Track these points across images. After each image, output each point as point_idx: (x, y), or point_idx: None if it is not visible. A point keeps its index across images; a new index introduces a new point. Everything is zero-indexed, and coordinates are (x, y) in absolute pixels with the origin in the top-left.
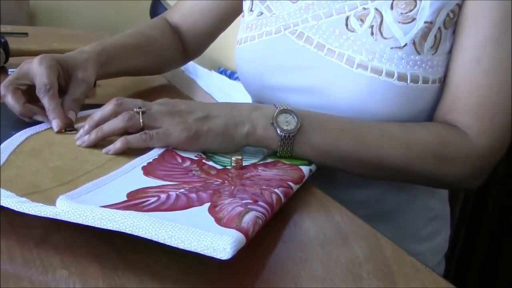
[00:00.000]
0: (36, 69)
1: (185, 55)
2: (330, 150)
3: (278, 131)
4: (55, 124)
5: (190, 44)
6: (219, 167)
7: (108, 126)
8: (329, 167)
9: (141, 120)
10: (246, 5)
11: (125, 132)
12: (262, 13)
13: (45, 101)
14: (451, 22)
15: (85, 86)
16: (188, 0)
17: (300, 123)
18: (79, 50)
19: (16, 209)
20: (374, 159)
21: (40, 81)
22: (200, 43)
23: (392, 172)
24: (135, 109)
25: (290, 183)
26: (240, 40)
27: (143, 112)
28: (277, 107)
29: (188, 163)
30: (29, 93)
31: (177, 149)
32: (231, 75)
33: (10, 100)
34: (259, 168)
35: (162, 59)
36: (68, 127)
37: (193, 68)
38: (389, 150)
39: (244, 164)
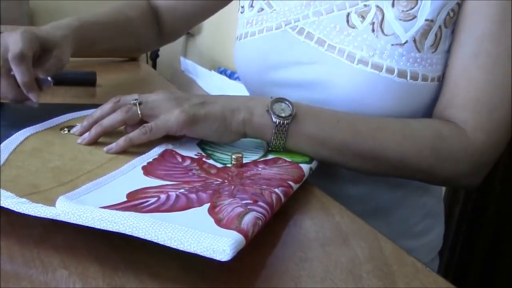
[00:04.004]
0: (15, 40)
1: (160, 37)
2: (325, 140)
3: (273, 118)
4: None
5: (166, 27)
6: (219, 165)
7: (107, 121)
8: (323, 159)
9: (139, 111)
10: (246, 2)
11: (127, 131)
12: (262, 9)
13: (21, 70)
14: (451, 21)
15: (57, 63)
16: None
17: (295, 111)
18: (56, 24)
19: (16, 210)
20: (371, 150)
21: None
22: (176, 27)
23: (388, 165)
24: (131, 102)
25: (290, 182)
26: (240, 36)
27: (140, 103)
28: (272, 98)
29: (188, 162)
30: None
31: (177, 148)
32: (231, 75)
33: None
34: (260, 166)
35: (137, 41)
36: (69, 127)
37: (193, 68)
38: (385, 142)
39: (244, 161)
